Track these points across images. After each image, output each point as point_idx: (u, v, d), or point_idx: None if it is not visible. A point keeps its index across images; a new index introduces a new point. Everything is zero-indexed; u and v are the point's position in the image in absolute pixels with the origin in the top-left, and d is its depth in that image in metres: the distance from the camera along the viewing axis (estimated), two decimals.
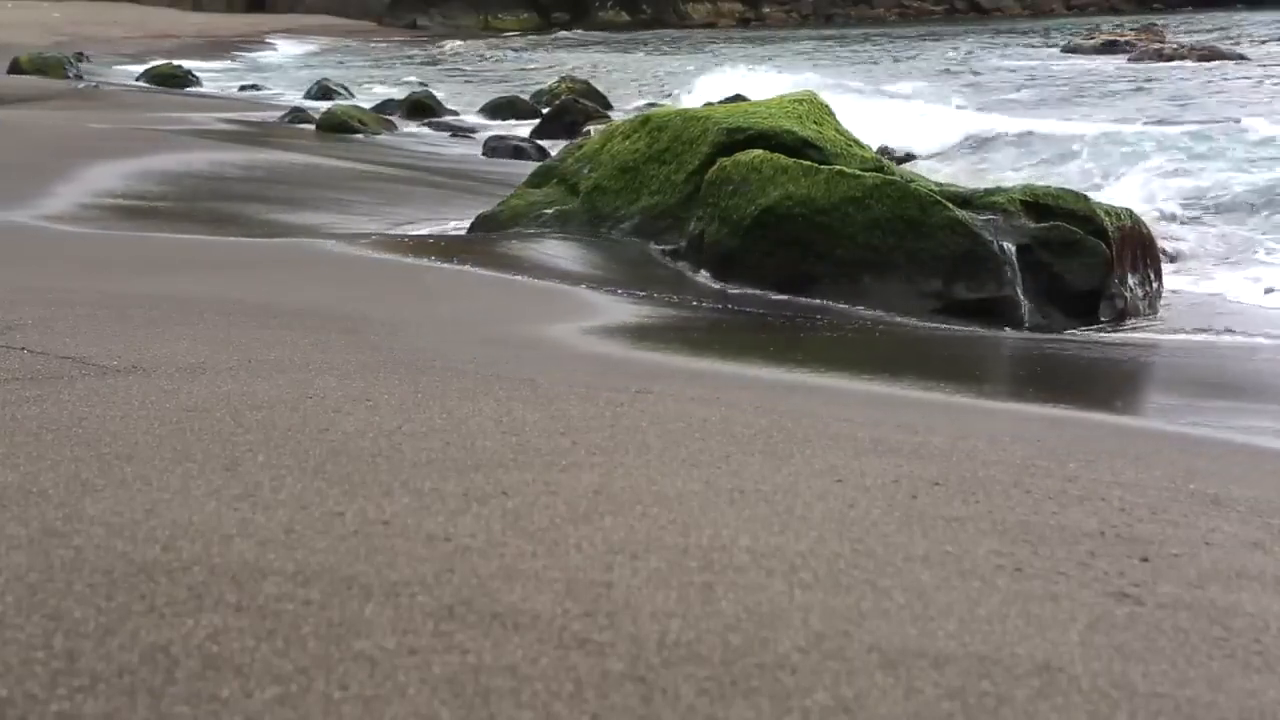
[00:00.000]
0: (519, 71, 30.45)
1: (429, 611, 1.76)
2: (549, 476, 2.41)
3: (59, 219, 6.72)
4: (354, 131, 14.94)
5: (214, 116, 15.33)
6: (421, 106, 18.48)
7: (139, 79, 24.08)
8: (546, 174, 7.94)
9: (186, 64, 26.13)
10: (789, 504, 2.34)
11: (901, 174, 6.93)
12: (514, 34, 54.45)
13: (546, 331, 4.52)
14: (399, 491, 2.26)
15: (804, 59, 31.83)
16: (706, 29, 58.51)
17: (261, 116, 16.23)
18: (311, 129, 15.13)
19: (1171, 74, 22.77)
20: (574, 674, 1.61)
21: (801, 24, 60.43)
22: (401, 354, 3.64)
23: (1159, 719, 1.62)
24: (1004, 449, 2.98)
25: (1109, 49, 29.38)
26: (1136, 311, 6.39)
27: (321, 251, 6.04)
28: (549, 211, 7.42)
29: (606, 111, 17.48)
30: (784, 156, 6.54)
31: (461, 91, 23.63)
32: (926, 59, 30.90)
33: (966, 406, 3.86)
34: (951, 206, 6.17)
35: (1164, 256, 7.20)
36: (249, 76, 28.01)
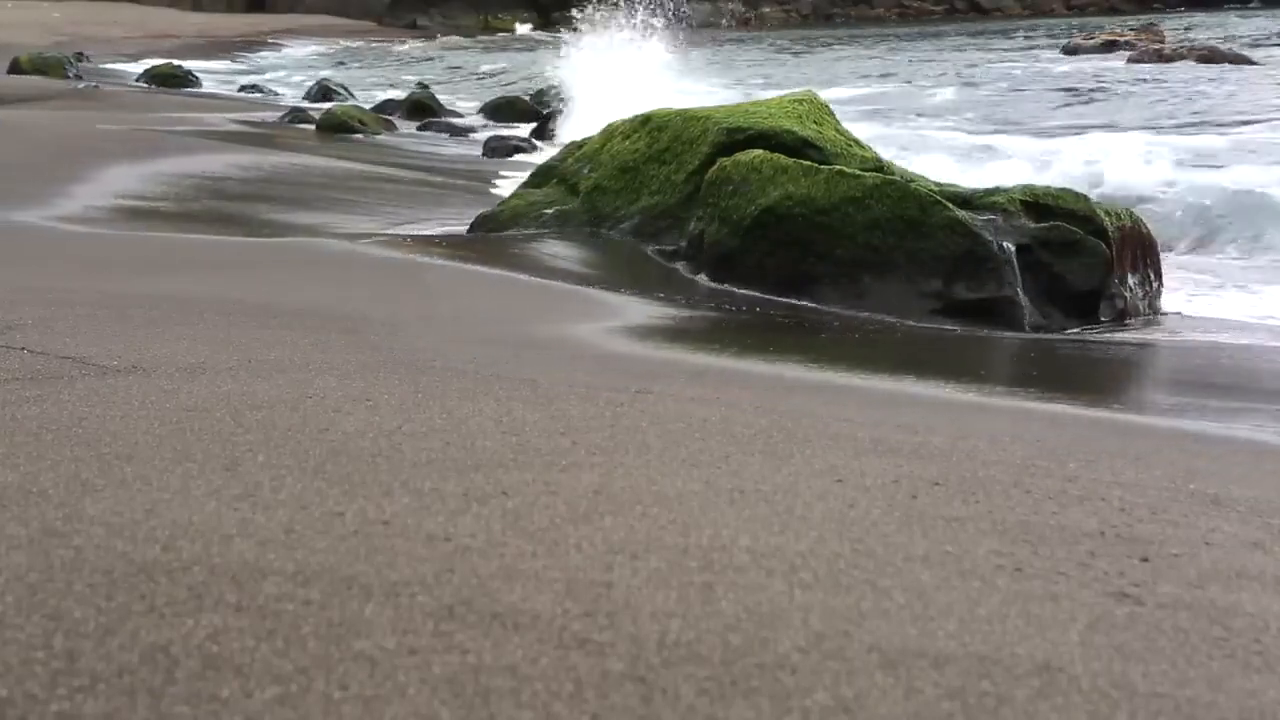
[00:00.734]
0: (519, 71, 30.44)
1: (429, 611, 1.76)
2: (549, 476, 2.41)
3: (59, 219, 6.72)
4: (354, 132, 14.95)
5: (214, 117, 15.32)
6: (421, 106, 18.48)
7: (139, 79, 24.05)
8: (546, 174, 7.95)
9: (186, 64, 26.07)
10: (789, 504, 2.34)
11: (901, 174, 6.93)
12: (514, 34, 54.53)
13: (546, 331, 4.52)
14: (399, 491, 2.26)
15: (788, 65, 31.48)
16: (706, 29, 58.47)
17: (262, 117, 16.23)
18: (311, 129, 15.14)
19: (1172, 73, 22.71)
20: (574, 674, 1.61)
21: (801, 24, 60.44)
22: (401, 354, 3.64)
23: (1159, 719, 1.62)
24: (1004, 449, 2.98)
25: (1109, 49, 29.37)
26: (1136, 311, 6.38)
27: (321, 251, 6.04)
28: (549, 211, 7.42)
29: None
30: (784, 156, 6.54)
31: (461, 92, 23.63)
32: (935, 65, 30.61)
33: (966, 406, 3.86)
34: (951, 206, 6.16)
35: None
36: (249, 77, 27.99)
